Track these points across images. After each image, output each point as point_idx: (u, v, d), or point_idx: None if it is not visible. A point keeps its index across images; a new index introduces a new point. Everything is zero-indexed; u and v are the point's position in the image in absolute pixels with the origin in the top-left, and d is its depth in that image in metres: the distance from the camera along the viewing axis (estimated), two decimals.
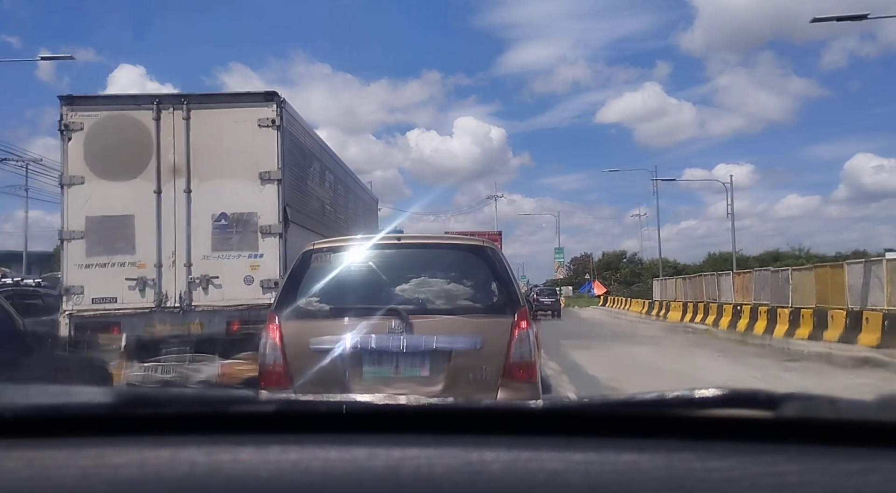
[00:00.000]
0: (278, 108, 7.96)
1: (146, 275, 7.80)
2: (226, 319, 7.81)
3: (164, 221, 7.85)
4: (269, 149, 7.90)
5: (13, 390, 1.15)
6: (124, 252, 7.80)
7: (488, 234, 37.95)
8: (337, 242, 4.74)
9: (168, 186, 7.88)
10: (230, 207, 7.87)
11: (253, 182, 7.87)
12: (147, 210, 7.84)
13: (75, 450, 0.93)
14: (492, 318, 4.20)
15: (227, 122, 7.97)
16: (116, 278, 7.76)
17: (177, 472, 0.89)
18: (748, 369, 12.07)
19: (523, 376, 4.10)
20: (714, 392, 0.96)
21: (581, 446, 0.92)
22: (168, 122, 7.91)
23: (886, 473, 0.86)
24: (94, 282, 7.74)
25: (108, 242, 7.79)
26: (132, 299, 7.78)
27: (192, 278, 7.83)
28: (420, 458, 0.90)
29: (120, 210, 7.83)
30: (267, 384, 4.13)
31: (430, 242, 4.94)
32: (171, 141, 7.90)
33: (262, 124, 7.91)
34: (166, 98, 8.02)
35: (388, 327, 4.07)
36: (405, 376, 4.07)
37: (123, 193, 7.86)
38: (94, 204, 7.79)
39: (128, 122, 7.92)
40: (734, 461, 0.88)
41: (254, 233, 7.87)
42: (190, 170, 7.89)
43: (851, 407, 1.00)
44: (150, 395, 1.08)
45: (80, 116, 7.83)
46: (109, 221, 7.81)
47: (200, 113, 7.96)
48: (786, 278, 20.40)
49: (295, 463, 0.90)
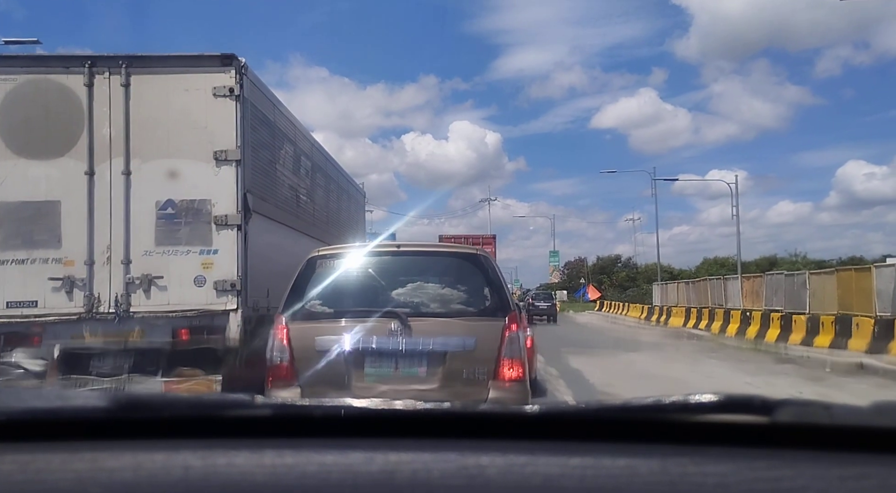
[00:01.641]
0: (237, 74, 6.61)
1: (74, 274, 6.42)
2: (171, 327, 6.46)
3: (97, 210, 6.48)
4: (226, 123, 6.56)
5: (8, 394, 1.18)
6: (47, 246, 6.42)
7: (482, 238, 37.89)
8: (339, 249, 5.12)
9: (103, 166, 6.50)
10: (178, 193, 6.52)
11: (206, 163, 6.53)
12: (76, 196, 6.47)
13: (70, 454, 0.93)
14: (484, 321, 4.49)
15: (176, 89, 6.61)
16: (37, 278, 6.38)
17: (172, 476, 0.89)
18: (771, 380, 11.22)
19: (513, 376, 4.36)
20: (709, 398, 0.96)
21: (577, 450, 0.92)
22: (103, 89, 6.54)
23: (881, 478, 0.87)
24: (9, 282, 6.35)
25: (28, 234, 6.40)
26: (57, 303, 6.39)
27: (130, 278, 6.45)
28: (416, 462, 0.90)
29: (42, 195, 6.45)
30: (274, 383, 4.40)
31: (427, 250, 5.34)
32: (106, 112, 6.52)
33: (218, 94, 6.56)
34: (101, 60, 6.61)
35: (389, 329, 4.36)
36: (404, 375, 4.36)
37: (47, 174, 6.47)
38: (10, 187, 6.39)
39: (53, 87, 6.53)
40: (729, 466, 0.88)
41: (207, 224, 6.51)
42: (129, 147, 6.52)
43: (846, 413, 1.02)
44: (145, 399, 1.11)
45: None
46: (29, 207, 6.43)
47: (143, 79, 6.59)
48: (802, 282, 18.92)
49: (291, 467, 0.90)
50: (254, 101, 7.05)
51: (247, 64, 6.75)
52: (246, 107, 6.73)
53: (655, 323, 31.91)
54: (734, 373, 12.33)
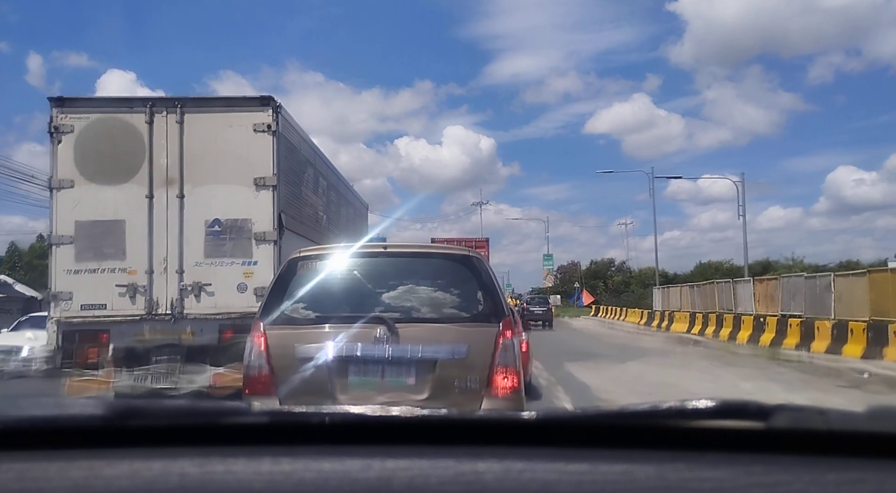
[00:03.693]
0: (274, 113, 7.83)
1: (137, 281, 7.63)
2: (218, 327, 7.65)
3: (155, 227, 7.68)
4: (264, 154, 7.77)
5: (5, 403, 1.12)
6: (114, 258, 7.63)
7: (475, 241, 36.99)
8: (323, 250, 4.81)
9: (160, 191, 7.72)
10: (224, 214, 7.72)
11: (247, 188, 7.73)
12: (138, 215, 7.68)
13: (67, 462, 0.92)
14: (477, 327, 4.20)
15: (222, 126, 7.82)
16: (106, 285, 7.58)
17: (168, 484, 0.89)
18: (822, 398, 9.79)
19: (508, 385, 4.09)
20: (706, 403, 0.97)
21: (574, 456, 0.92)
22: (161, 125, 7.76)
23: (875, 483, 0.87)
24: (82, 288, 7.55)
25: (98, 248, 7.61)
26: (122, 305, 7.60)
27: (183, 286, 7.66)
28: (413, 469, 0.89)
29: (111, 215, 7.66)
30: (252, 393, 4.12)
31: (416, 251, 4.93)
32: (163, 145, 7.74)
33: (258, 129, 7.77)
34: (160, 101, 7.87)
35: (374, 336, 4.07)
36: (391, 385, 4.07)
37: (114, 197, 7.69)
38: (83, 208, 7.61)
39: (120, 125, 7.75)
40: (726, 471, 0.88)
41: (248, 240, 7.71)
42: (183, 175, 7.74)
43: (841, 418, 1.00)
44: (142, 407, 1.06)
45: (71, 118, 7.66)
46: (99, 225, 7.64)
47: (194, 117, 7.81)
48: (826, 285, 17.29)
49: (288, 475, 0.89)
50: (285, 134, 8.27)
51: (281, 104, 7.97)
52: (280, 140, 7.94)
53: (656, 329, 30.26)
54: (766, 386, 10.93)
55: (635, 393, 10.34)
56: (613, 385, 11.17)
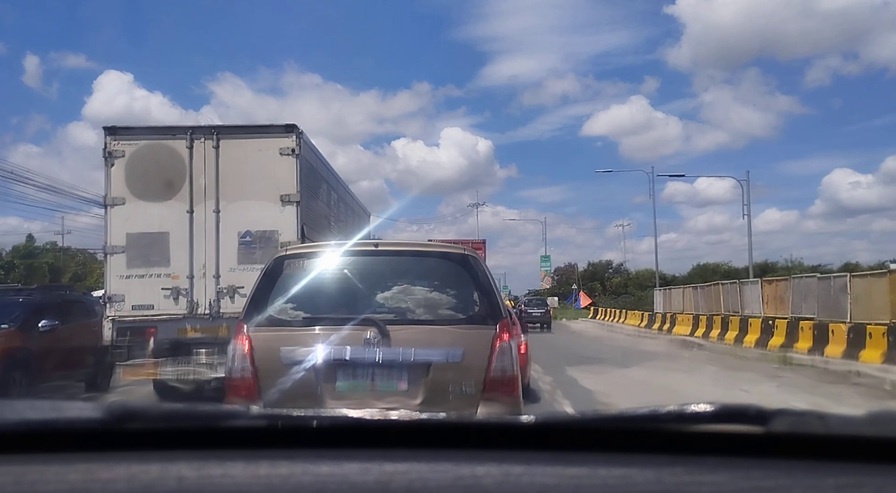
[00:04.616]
0: (297, 138, 9.04)
1: (179, 285, 8.83)
2: None
3: (195, 238, 8.89)
4: (288, 174, 8.97)
5: (2, 406, 1.15)
6: (160, 265, 8.83)
7: (472, 242, 36.04)
8: (311, 248, 4.61)
9: (199, 206, 8.93)
10: (254, 226, 8.92)
11: (274, 204, 8.93)
12: (181, 228, 8.88)
13: (64, 465, 0.92)
14: (472, 329, 4.03)
15: (252, 150, 9.04)
16: (153, 288, 8.79)
17: (166, 487, 0.89)
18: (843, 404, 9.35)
19: (505, 391, 3.93)
20: (705, 408, 0.97)
21: (573, 460, 0.92)
22: (200, 150, 8.97)
23: (874, 487, 0.87)
24: (133, 291, 8.76)
25: (146, 256, 8.82)
26: (167, 306, 8.80)
27: (220, 288, 8.86)
28: (412, 473, 0.89)
29: (157, 228, 8.87)
30: (234, 398, 3.95)
31: (408, 249, 4.70)
32: (202, 167, 8.96)
33: (283, 153, 8.98)
34: (199, 129, 9.10)
35: (364, 338, 3.88)
36: (382, 390, 3.89)
37: (160, 212, 8.90)
38: (133, 222, 8.83)
39: (164, 150, 8.98)
40: (725, 475, 0.88)
41: (275, 248, 8.84)
42: (219, 192, 8.94)
43: (840, 422, 1.01)
44: (139, 410, 1.07)
45: (122, 144, 8.88)
46: (147, 237, 8.85)
47: (228, 143, 9.02)
48: (842, 286, 16.51)
49: (286, 478, 0.89)
50: (306, 156, 9.47)
51: (303, 130, 9.18)
52: (302, 161, 9.15)
53: (658, 332, 29.32)
54: (788, 396, 10.43)
55: (641, 400, 9.64)
56: (617, 391, 10.91)
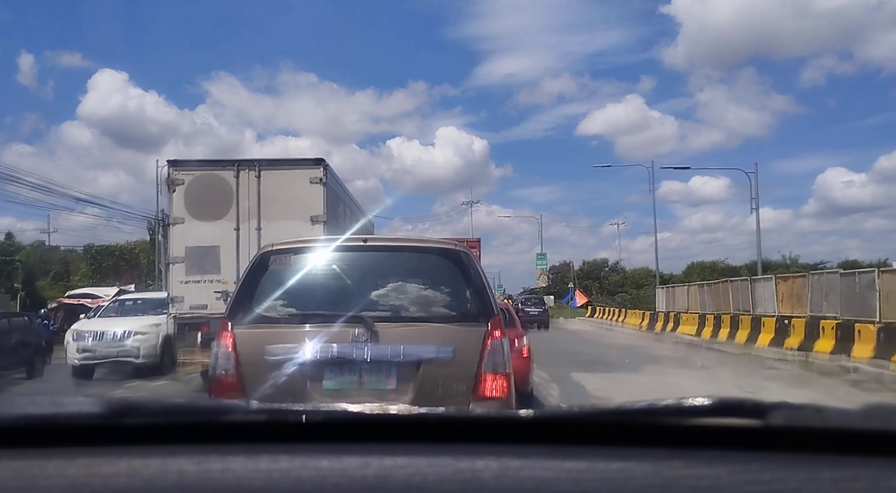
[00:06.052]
0: (324, 169, 11.05)
1: (228, 289, 10.79)
2: None
3: (241, 251, 10.88)
4: (317, 199, 10.97)
5: (2, 400, 1.08)
6: (212, 272, 10.85)
7: (467, 241, 34.15)
8: (298, 244, 4.47)
9: (244, 225, 10.94)
10: None
11: (305, 223, 10.92)
12: (229, 242, 10.89)
13: (65, 460, 0.93)
14: (464, 326, 3.97)
15: (288, 179, 11.06)
16: (207, 291, 10.80)
17: (167, 481, 0.89)
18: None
19: (496, 390, 3.88)
20: (703, 401, 0.98)
21: (571, 454, 0.92)
22: (245, 179, 10.99)
23: (870, 480, 0.88)
24: (190, 294, 10.79)
25: (201, 266, 10.84)
26: (218, 306, 10.75)
27: None
28: (411, 467, 0.90)
29: (209, 242, 10.88)
30: (217, 396, 3.94)
31: (398, 245, 4.61)
32: (246, 193, 10.97)
33: (313, 181, 10.98)
34: (244, 162, 11.13)
35: (352, 336, 3.84)
36: (369, 389, 3.85)
37: (212, 230, 10.92)
38: (191, 238, 10.85)
39: (216, 178, 11.00)
40: (722, 468, 0.89)
41: None
42: (260, 214, 10.95)
43: (837, 416, 1.03)
44: (140, 404, 1.08)
45: (182, 174, 10.91)
46: (201, 250, 10.86)
47: (268, 173, 11.05)
48: (869, 282, 15.54)
49: (286, 472, 0.90)
50: (330, 183, 11.48)
51: (329, 164, 11.19)
52: (328, 189, 11.15)
53: (661, 332, 28.33)
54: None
55: None
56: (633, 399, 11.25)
